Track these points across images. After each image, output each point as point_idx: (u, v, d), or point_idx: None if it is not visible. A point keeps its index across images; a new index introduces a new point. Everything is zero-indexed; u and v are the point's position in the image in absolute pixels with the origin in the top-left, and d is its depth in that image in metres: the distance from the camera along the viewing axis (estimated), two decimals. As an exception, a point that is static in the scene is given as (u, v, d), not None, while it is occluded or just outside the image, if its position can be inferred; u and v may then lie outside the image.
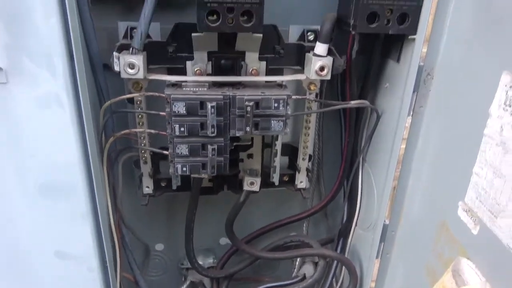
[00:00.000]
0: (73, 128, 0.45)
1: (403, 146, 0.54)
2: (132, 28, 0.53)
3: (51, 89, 0.43)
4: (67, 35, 0.41)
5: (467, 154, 0.42)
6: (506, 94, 0.35)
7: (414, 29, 0.48)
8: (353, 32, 0.50)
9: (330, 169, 0.69)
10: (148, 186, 0.62)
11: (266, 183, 0.64)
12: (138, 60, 0.48)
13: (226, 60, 0.54)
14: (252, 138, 0.60)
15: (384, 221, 0.59)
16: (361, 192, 0.65)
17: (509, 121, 0.35)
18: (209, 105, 0.48)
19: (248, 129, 0.50)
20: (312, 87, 0.56)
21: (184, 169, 0.51)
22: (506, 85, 0.36)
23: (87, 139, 0.46)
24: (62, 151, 0.46)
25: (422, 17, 0.47)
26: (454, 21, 0.45)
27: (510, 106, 0.35)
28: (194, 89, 0.50)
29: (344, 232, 0.69)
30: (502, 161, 0.36)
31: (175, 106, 0.48)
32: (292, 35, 0.57)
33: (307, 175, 0.64)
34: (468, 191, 0.41)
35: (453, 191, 0.44)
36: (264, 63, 0.55)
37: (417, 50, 0.48)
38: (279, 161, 0.62)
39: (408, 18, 0.48)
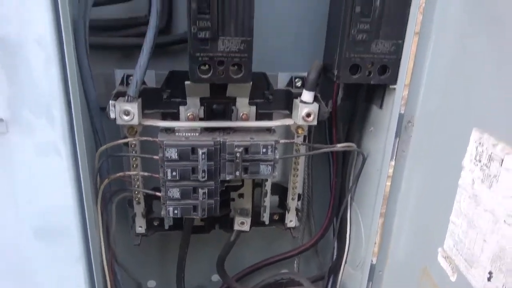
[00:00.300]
0: (69, 174, 0.46)
1: (388, 189, 0.56)
2: (128, 76, 0.56)
3: (49, 138, 0.45)
4: (65, 85, 0.44)
5: (445, 202, 0.43)
6: (476, 149, 0.38)
7: (394, 80, 0.51)
8: (337, 81, 0.53)
9: (320, 207, 0.71)
10: (141, 226, 0.63)
11: (256, 222, 0.65)
12: (133, 107, 0.51)
13: (218, 105, 0.57)
14: (243, 179, 0.62)
15: (372, 260, 0.60)
16: (350, 231, 0.66)
17: (479, 175, 0.37)
18: (200, 151, 0.50)
19: (237, 173, 0.52)
20: (300, 131, 0.58)
21: (176, 211, 0.53)
22: (476, 141, 0.38)
23: (82, 183, 0.48)
24: (58, 196, 0.47)
25: (401, 68, 0.50)
26: (431, 74, 0.48)
27: (479, 161, 0.37)
28: (187, 134, 0.53)
29: (334, 269, 0.70)
30: (475, 213, 0.38)
31: (167, 152, 0.50)
32: (281, 81, 0.60)
33: (297, 215, 0.66)
34: (447, 238, 0.43)
35: (433, 237, 0.46)
36: (254, 107, 0.58)
37: (397, 99, 0.51)
38: (269, 200, 0.63)
39: (388, 69, 0.51)
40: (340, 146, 0.58)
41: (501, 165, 0.34)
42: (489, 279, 0.36)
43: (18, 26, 0.40)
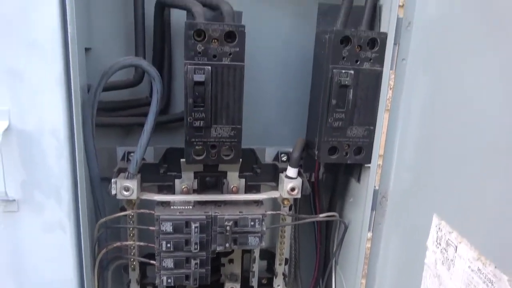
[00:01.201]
0: (72, 249, 0.50)
1: (368, 256, 0.60)
2: (129, 152, 0.62)
3: (56, 216, 0.49)
4: (73, 169, 0.49)
5: (416, 276, 0.48)
6: (437, 233, 0.43)
7: (368, 160, 0.57)
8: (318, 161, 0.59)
9: (307, 270, 0.74)
10: (135, 291, 0.66)
11: (245, 286, 0.68)
12: (133, 183, 0.56)
13: (210, 178, 0.62)
14: (233, 245, 0.66)
15: (355, 325, 0.63)
16: (335, 294, 0.70)
17: (440, 257, 0.42)
18: (193, 225, 0.54)
19: (227, 245, 0.56)
20: (285, 202, 0.63)
21: (169, 280, 0.57)
22: (436, 226, 0.43)
23: (83, 256, 0.52)
24: (60, 269, 0.51)
25: (374, 150, 0.56)
26: (400, 156, 0.54)
27: (440, 245, 0.42)
28: (181, 207, 0.58)
29: (321, 332, 0.72)
30: (439, 291, 0.42)
31: (163, 225, 0.55)
32: (268, 155, 0.66)
33: (284, 279, 0.69)
34: (418, 311, 0.47)
35: (408, 307, 0.50)
36: (243, 180, 0.63)
37: (372, 176, 0.57)
38: (257, 266, 0.67)
39: (363, 151, 0.57)
40: (322, 216, 0.63)
41: (455, 252, 0.39)
42: None
43: (36, 120, 0.46)
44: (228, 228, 0.55)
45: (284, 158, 0.65)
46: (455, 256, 0.39)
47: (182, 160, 0.58)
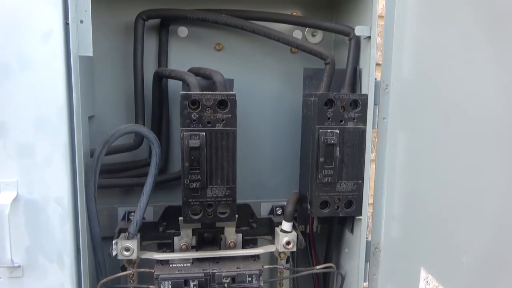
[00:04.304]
0: (73, 312, 0.52)
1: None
2: (130, 212, 0.64)
3: (59, 280, 0.51)
4: (76, 235, 0.51)
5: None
6: (425, 286, 0.45)
7: (359, 212, 0.59)
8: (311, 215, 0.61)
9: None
10: None
11: None
12: (133, 244, 0.58)
13: (208, 234, 0.64)
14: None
15: None
16: None
17: (430, 310, 0.44)
18: (191, 283, 0.56)
19: (226, 301, 0.57)
20: (282, 255, 0.65)
21: None
22: (424, 279, 0.45)
23: (85, 320, 0.53)
24: (62, 333, 0.52)
25: (364, 203, 0.59)
26: (389, 208, 0.57)
27: (429, 298, 0.44)
28: (180, 265, 0.59)
29: None
30: None
31: (162, 284, 0.56)
32: (264, 209, 0.69)
33: (284, 333, 0.69)
34: None
35: None
36: (240, 235, 0.65)
37: (363, 227, 0.59)
38: (257, 321, 0.67)
39: (353, 204, 0.59)
40: (319, 268, 0.65)
41: (443, 305, 0.41)
42: None
43: (42, 189, 0.49)
44: (226, 285, 0.57)
45: (279, 212, 0.68)
46: (443, 310, 0.41)
47: (180, 218, 0.60)
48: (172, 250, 0.63)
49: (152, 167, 0.59)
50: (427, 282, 0.44)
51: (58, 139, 0.48)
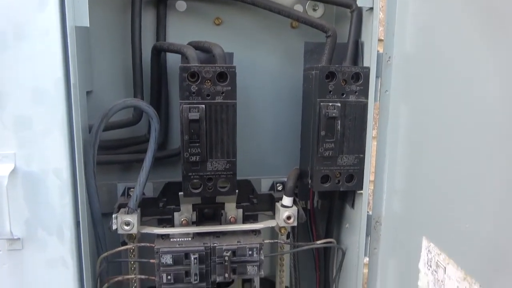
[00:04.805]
0: (74, 284, 0.52)
1: (366, 277, 0.61)
2: (129, 188, 0.64)
3: (59, 253, 0.51)
4: (76, 208, 0.51)
5: (411, 299, 0.49)
6: (427, 256, 0.44)
7: (360, 186, 0.59)
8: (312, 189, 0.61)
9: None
10: (136, 326, 0.66)
11: (247, 316, 0.69)
12: (133, 218, 0.58)
13: (208, 210, 0.64)
14: (233, 276, 0.67)
15: None
16: (336, 321, 0.70)
17: (431, 279, 0.44)
18: (192, 256, 0.56)
19: (227, 275, 0.57)
20: (282, 231, 0.65)
21: (170, 313, 0.57)
22: (426, 248, 0.45)
23: (86, 292, 0.53)
24: (63, 305, 0.52)
25: (365, 177, 0.58)
26: (390, 181, 0.57)
27: (430, 267, 0.44)
28: (180, 239, 0.59)
29: None
30: (432, 313, 0.43)
31: (163, 258, 0.56)
32: (264, 185, 0.68)
33: (285, 308, 0.70)
34: (415, 334, 0.48)
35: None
36: (241, 210, 0.65)
37: (364, 202, 0.59)
38: (258, 296, 0.68)
39: (354, 178, 0.59)
40: (320, 243, 0.65)
41: (445, 273, 0.41)
42: None
43: (40, 162, 0.49)
44: (226, 258, 0.57)
45: (280, 188, 0.67)
46: (444, 277, 0.41)
47: (180, 193, 0.60)
48: (172, 226, 0.63)
49: (152, 142, 0.58)
50: (428, 251, 0.44)
51: (55, 110, 0.48)
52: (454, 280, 0.39)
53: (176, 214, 0.64)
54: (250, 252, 0.58)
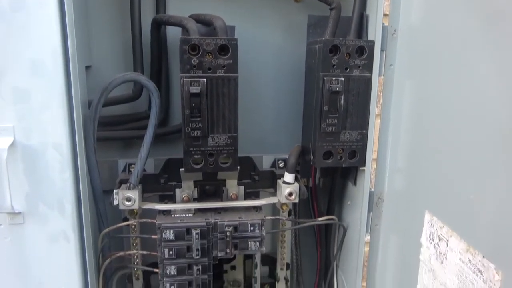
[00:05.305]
0: (76, 259, 0.52)
1: (367, 254, 0.61)
2: (130, 164, 0.64)
3: (60, 227, 0.51)
4: (76, 182, 0.51)
5: (413, 274, 0.49)
6: (429, 229, 0.44)
7: (363, 162, 0.59)
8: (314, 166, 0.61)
9: (310, 274, 0.75)
10: (139, 301, 0.67)
11: (248, 292, 0.70)
12: (134, 194, 0.58)
13: (210, 187, 0.64)
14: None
15: (358, 325, 0.64)
16: (337, 297, 0.70)
17: (433, 252, 0.43)
18: (194, 231, 0.56)
19: (228, 250, 0.57)
20: (284, 207, 0.64)
21: (172, 287, 0.58)
22: (428, 222, 0.45)
23: (88, 266, 0.53)
24: (66, 278, 0.52)
25: (368, 153, 0.58)
26: (393, 158, 0.56)
27: (433, 240, 0.44)
28: (182, 215, 0.59)
29: (325, 336, 0.73)
30: (433, 286, 0.43)
31: (164, 233, 0.56)
32: (266, 162, 0.68)
33: (286, 284, 0.70)
34: (416, 307, 0.48)
35: (406, 305, 0.51)
36: (242, 187, 0.65)
37: (367, 178, 0.58)
38: (259, 272, 0.68)
39: (357, 154, 0.59)
40: (321, 220, 0.65)
41: (447, 246, 0.41)
42: None
43: (39, 135, 0.48)
44: (228, 233, 0.56)
45: (281, 165, 0.67)
46: (447, 250, 0.41)
47: (182, 169, 0.59)
48: (174, 202, 0.63)
49: (152, 117, 0.57)
50: (431, 224, 0.44)
51: (54, 82, 0.47)
52: (457, 252, 0.39)
53: (177, 190, 0.63)
54: (252, 228, 0.58)
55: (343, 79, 0.55)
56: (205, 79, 0.52)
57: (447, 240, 0.41)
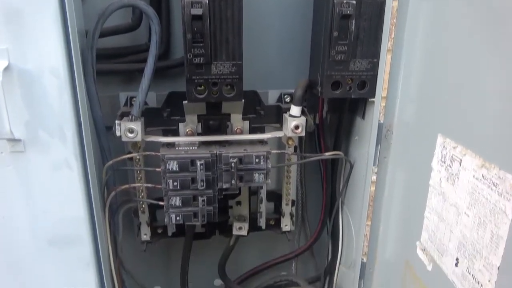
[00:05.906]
0: (80, 187, 0.52)
1: (373, 189, 0.60)
2: (132, 97, 0.62)
3: (62, 155, 0.50)
4: (76, 109, 0.49)
5: (421, 200, 0.48)
6: (441, 152, 0.43)
7: (372, 93, 0.56)
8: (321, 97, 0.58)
9: (315, 211, 0.75)
10: (145, 234, 0.68)
11: (254, 227, 0.70)
12: (137, 125, 0.56)
13: (214, 121, 0.62)
14: (240, 187, 0.67)
15: (362, 259, 0.65)
16: (342, 233, 0.71)
17: (445, 175, 0.42)
18: (198, 162, 0.55)
19: (233, 182, 0.56)
20: (290, 142, 0.63)
21: (178, 218, 0.58)
22: (441, 145, 0.43)
23: (92, 195, 0.53)
24: (71, 207, 0.52)
25: (378, 83, 0.55)
26: (405, 87, 0.54)
27: (444, 163, 0.42)
28: (186, 148, 0.58)
29: (329, 270, 0.74)
30: (443, 208, 0.43)
31: (169, 164, 0.55)
32: (271, 97, 0.66)
33: (291, 219, 0.71)
34: (423, 233, 0.48)
35: (413, 233, 0.51)
36: (247, 122, 0.63)
37: (376, 110, 0.56)
38: (265, 207, 0.68)
39: (367, 84, 0.56)
40: (328, 155, 0.63)
41: (460, 165, 0.39)
42: (456, 265, 0.40)
43: (35, 58, 0.46)
44: (233, 165, 0.56)
45: (288, 99, 0.65)
46: (459, 170, 0.40)
47: (185, 102, 0.58)
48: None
49: (152, 47, 0.54)
50: (443, 147, 0.42)
51: (48, 2, 0.44)
52: (471, 170, 0.38)
53: (181, 125, 0.62)
54: (257, 160, 0.57)
55: (354, 2, 0.52)
56: (207, 1, 0.49)
57: (460, 160, 0.39)
